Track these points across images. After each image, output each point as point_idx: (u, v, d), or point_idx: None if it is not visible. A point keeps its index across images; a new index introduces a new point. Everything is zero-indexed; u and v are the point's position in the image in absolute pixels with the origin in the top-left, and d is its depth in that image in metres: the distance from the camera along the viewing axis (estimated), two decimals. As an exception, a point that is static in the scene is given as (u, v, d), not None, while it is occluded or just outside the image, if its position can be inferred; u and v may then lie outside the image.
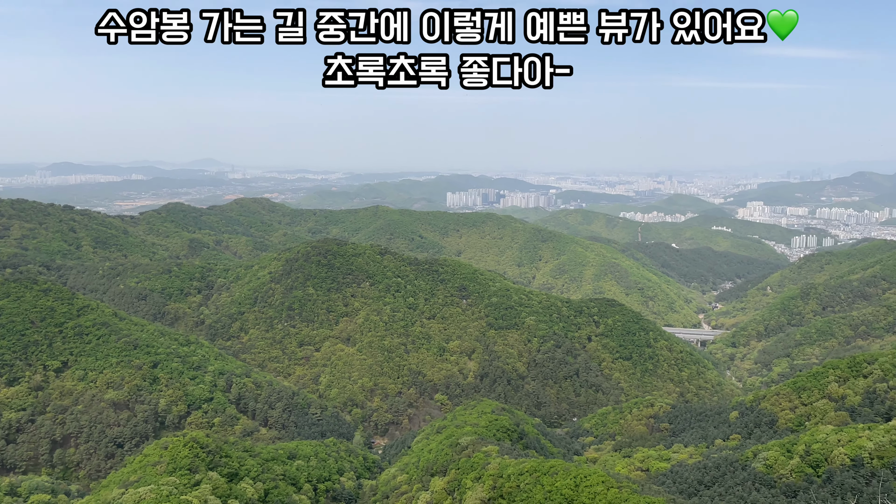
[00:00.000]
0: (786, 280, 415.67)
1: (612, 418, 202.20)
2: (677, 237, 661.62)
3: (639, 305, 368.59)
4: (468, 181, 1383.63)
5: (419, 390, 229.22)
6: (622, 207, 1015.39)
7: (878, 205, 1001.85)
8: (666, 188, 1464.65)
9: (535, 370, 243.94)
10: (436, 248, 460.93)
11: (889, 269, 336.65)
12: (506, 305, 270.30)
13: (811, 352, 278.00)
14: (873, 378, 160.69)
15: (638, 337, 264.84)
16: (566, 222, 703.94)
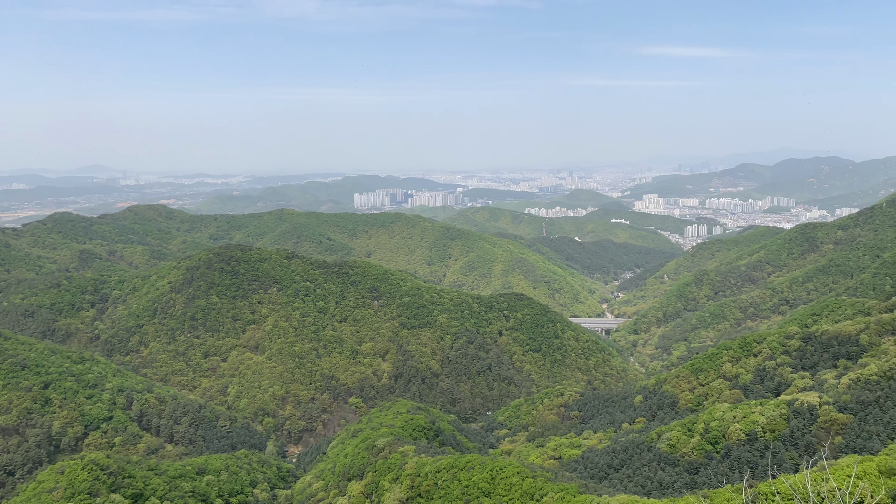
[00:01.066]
0: (681, 268, 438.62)
1: (524, 410, 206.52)
2: (580, 230, 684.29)
3: (546, 298, 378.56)
4: (375, 182, 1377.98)
5: (333, 395, 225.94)
6: (527, 203, 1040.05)
7: (760, 194, 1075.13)
8: (567, 184, 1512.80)
9: (449, 367, 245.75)
10: (345, 250, 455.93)
11: (772, 254, 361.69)
12: (418, 304, 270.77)
13: (706, 335, 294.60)
14: (763, 356, 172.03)
15: (546, 329, 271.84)
16: (474, 220, 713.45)
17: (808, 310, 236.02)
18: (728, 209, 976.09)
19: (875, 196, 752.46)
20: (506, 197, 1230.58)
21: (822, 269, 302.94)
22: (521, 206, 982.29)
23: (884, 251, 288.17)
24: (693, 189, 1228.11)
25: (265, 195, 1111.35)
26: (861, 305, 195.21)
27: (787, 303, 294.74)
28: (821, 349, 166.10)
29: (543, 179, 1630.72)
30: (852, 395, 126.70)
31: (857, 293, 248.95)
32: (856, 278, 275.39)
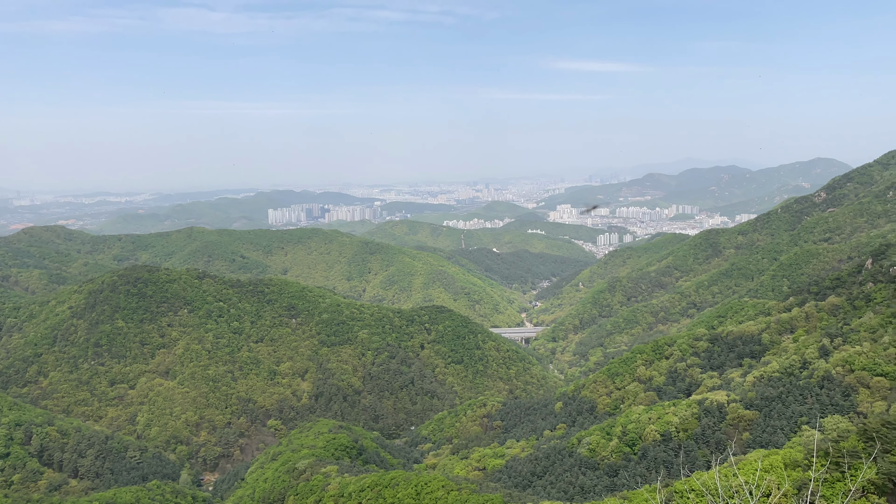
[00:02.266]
0: (595, 275, 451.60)
1: (448, 422, 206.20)
2: (497, 241, 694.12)
3: (466, 310, 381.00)
4: (291, 197, 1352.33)
5: (250, 418, 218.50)
6: (445, 216, 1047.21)
7: (666, 202, 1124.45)
8: (484, 196, 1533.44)
9: (371, 383, 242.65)
10: (260, 268, 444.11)
11: (680, 260, 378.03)
12: (337, 321, 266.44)
13: (621, 339, 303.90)
14: (674, 359, 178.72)
15: (468, 340, 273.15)
16: (393, 234, 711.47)
17: (714, 312, 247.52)
18: (637, 217, 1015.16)
19: (771, 202, 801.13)
20: (424, 210, 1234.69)
21: (726, 273, 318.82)
22: (439, 218, 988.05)
23: (780, 254, 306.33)
24: (604, 199, 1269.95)
25: (173, 213, 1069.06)
26: (762, 306, 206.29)
27: (694, 306, 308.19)
28: (727, 349, 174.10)
29: (461, 192, 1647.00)
30: (757, 392, 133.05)
31: (758, 294, 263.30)
32: (756, 280, 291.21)
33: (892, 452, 66.00)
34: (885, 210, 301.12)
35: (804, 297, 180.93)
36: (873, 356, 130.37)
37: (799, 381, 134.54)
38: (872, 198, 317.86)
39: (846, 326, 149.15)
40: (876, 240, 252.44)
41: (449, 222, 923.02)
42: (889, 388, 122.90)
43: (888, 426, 68.85)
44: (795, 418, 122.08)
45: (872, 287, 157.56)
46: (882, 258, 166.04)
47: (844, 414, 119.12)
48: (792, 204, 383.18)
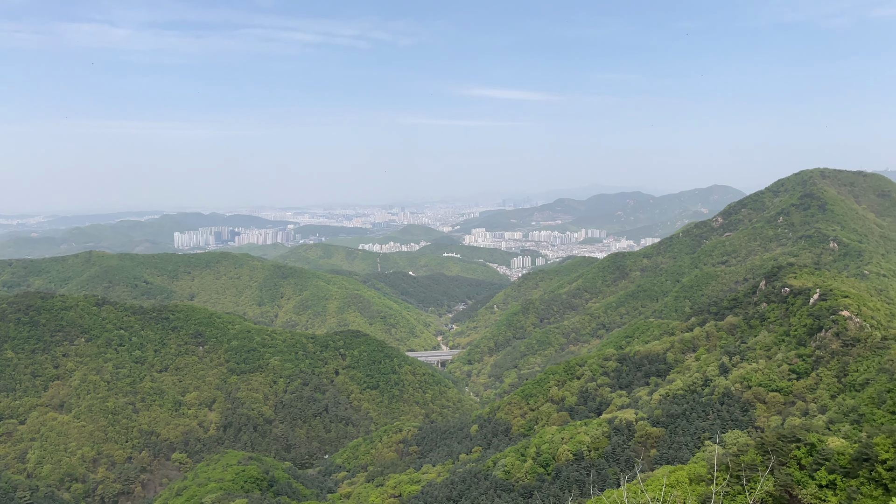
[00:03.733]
0: (509, 298, 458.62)
1: (363, 449, 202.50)
2: (413, 265, 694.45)
3: (382, 334, 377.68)
4: (198, 220, 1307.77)
5: (153, 452, 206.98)
6: (361, 240, 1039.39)
7: (576, 226, 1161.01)
8: (400, 219, 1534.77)
9: (284, 412, 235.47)
10: (165, 294, 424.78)
11: (589, 282, 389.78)
12: (248, 348, 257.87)
13: (534, 361, 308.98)
14: (585, 378, 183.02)
15: (384, 365, 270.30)
16: (307, 257, 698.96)
17: (621, 332, 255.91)
18: (549, 241, 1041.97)
19: (673, 227, 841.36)
20: (339, 233, 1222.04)
21: (632, 295, 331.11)
22: (354, 242, 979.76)
23: (682, 276, 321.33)
24: (517, 223, 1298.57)
25: (70, 236, 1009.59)
26: (666, 326, 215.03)
27: (603, 327, 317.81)
28: (634, 368, 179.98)
29: (376, 215, 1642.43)
30: (663, 410, 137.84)
31: (663, 315, 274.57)
32: (660, 302, 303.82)
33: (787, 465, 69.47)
34: (776, 234, 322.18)
35: (705, 317, 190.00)
36: (768, 373, 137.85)
37: (701, 397, 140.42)
38: (764, 223, 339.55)
39: (743, 345, 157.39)
40: (769, 262, 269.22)
41: (365, 246, 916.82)
42: (783, 403, 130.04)
43: (783, 440, 72.51)
44: (699, 434, 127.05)
45: (766, 307, 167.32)
46: (774, 280, 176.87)
47: (744, 429, 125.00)
48: (692, 228, 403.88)
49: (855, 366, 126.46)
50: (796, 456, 70.13)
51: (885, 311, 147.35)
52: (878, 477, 63.21)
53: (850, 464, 65.79)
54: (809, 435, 73.05)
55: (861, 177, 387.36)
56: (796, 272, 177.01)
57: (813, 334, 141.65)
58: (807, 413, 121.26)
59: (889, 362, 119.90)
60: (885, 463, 63.59)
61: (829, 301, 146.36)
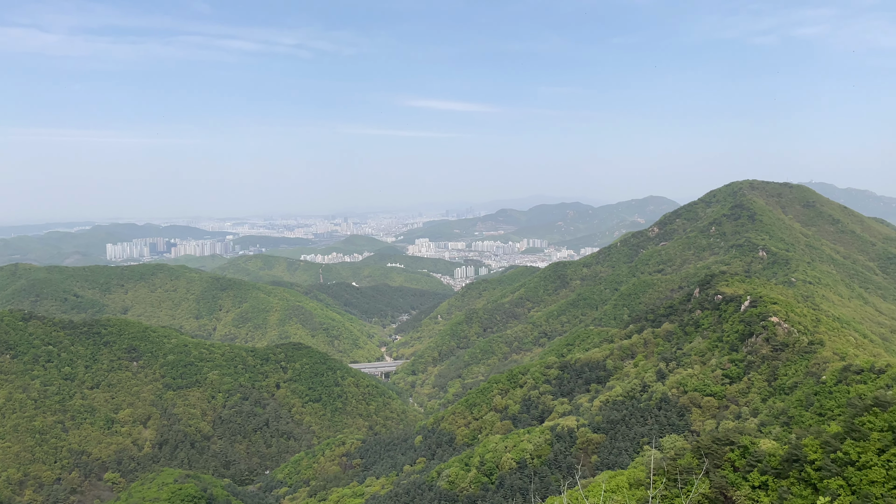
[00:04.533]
0: (453, 308, 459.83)
1: (305, 464, 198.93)
2: (357, 276, 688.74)
3: (325, 346, 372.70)
4: (132, 231, 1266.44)
5: (84, 472, 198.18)
6: (303, 250, 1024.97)
7: (518, 236, 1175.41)
8: (343, 230, 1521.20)
9: (222, 427, 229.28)
10: (96, 308, 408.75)
11: (531, 291, 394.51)
12: (184, 362, 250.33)
13: (478, 370, 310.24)
14: (527, 387, 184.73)
15: (326, 377, 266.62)
16: (246, 269, 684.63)
17: (563, 340, 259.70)
18: (492, 251, 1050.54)
19: (611, 236, 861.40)
20: (280, 244, 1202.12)
21: (573, 303, 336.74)
22: (296, 252, 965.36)
23: (621, 284, 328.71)
24: (460, 233, 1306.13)
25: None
26: (605, 334, 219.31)
27: (545, 335, 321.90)
28: (575, 376, 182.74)
29: (319, 226, 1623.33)
30: (603, 416, 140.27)
31: (602, 323, 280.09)
32: (600, 310, 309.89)
33: (722, 467, 71.54)
34: (709, 244, 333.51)
35: (642, 324, 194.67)
36: (703, 378, 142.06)
37: (640, 403, 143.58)
38: (698, 232, 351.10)
39: (679, 351, 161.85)
40: (702, 270, 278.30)
41: (307, 256, 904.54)
42: (717, 407, 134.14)
43: (718, 443, 74.69)
44: (638, 439, 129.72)
45: (700, 314, 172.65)
46: (707, 287, 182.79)
47: (680, 433, 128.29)
48: (629, 238, 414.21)
49: (784, 370, 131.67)
50: (730, 458, 72.31)
51: (811, 317, 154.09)
52: (807, 477, 65.75)
53: (780, 465, 68.22)
54: (742, 438, 75.45)
55: (787, 188, 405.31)
56: (728, 280, 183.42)
57: (744, 340, 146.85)
58: (740, 416, 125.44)
59: (815, 366, 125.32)
60: (813, 463, 66.22)
61: (759, 308, 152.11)
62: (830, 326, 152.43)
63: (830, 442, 67.45)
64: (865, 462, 63.52)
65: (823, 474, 64.60)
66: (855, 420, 69.81)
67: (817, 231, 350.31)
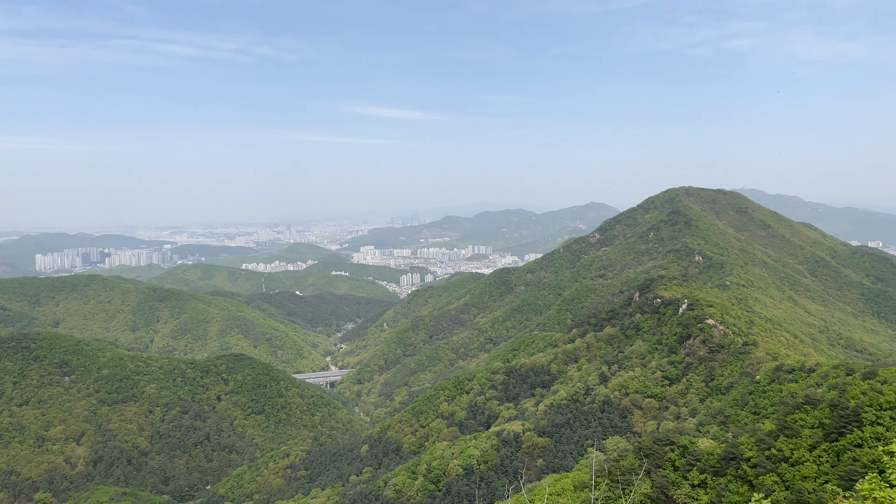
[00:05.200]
0: (399, 315, 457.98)
1: (248, 477, 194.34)
2: (300, 284, 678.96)
3: (268, 356, 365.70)
4: (63, 240, 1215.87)
5: (13, 493, 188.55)
6: (244, 259, 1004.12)
7: (463, 243, 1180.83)
8: (286, 238, 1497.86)
9: (161, 442, 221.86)
10: (25, 321, 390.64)
11: (476, 298, 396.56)
12: (120, 376, 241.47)
13: (424, 377, 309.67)
14: (474, 393, 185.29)
15: (269, 388, 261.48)
16: (185, 279, 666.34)
17: (508, 346, 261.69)
18: (437, 258, 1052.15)
19: (554, 242, 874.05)
20: (220, 253, 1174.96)
21: (518, 309, 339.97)
22: (237, 262, 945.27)
23: (564, 290, 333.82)
24: (406, 240, 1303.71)
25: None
26: (550, 339, 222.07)
27: (491, 341, 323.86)
28: (521, 380, 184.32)
29: (261, 234, 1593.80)
30: (548, 420, 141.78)
31: (546, 328, 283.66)
32: (544, 315, 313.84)
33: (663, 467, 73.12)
34: (648, 249, 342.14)
35: (585, 328, 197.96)
36: (644, 380, 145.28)
37: (584, 406, 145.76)
38: (637, 238, 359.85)
39: (621, 354, 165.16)
40: (641, 275, 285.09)
41: (248, 265, 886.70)
42: (658, 408, 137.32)
43: (658, 443, 76.35)
44: (582, 442, 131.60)
45: (641, 317, 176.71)
46: (647, 291, 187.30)
47: (623, 434, 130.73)
48: (572, 244, 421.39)
49: (720, 370, 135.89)
50: (671, 458, 74.03)
51: (745, 319, 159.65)
52: (743, 474, 67.83)
53: (718, 463, 70.20)
54: (682, 438, 77.36)
55: (721, 194, 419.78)
56: (666, 284, 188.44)
57: (683, 342, 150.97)
58: (679, 417, 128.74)
59: (750, 366, 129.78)
60: (749, 461, 68.36)
61: (696, 311, 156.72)
62: (763, 328, 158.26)
63: (765, 440, 69.82)
64: (798, 458, 65.98)
65: (759, 471, 66.79)
66: (787, 418, 72.45)
67: (749, 236, 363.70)
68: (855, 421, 66.37)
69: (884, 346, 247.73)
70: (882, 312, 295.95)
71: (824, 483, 61.39)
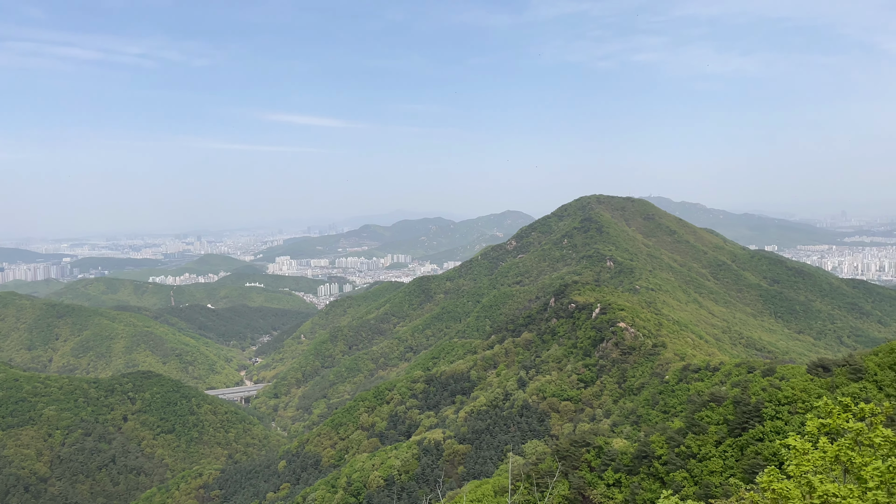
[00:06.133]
0: (317, 326, 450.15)
1: (158, 500, 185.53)
2: (212, 297, 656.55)
3: (178, 373, 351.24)
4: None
5: None
6: (151, 272, 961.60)
7: (382, 252, 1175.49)
8: (196, 249, 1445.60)
9: (62, 467, 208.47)
10: None
11: (396, 306, 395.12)
12: (15, 399, 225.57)
13: (344, 389, 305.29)
14: (394, 402, 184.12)
15: (180, 406, 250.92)
16: (87, 293, 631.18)
17: (428, 354, 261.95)
18: (356, 267, 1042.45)
19: (472, 250, 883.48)
20: (125, 266, 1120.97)
21: (437, 317, 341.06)
22: (144, 275, 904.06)
23: (482, 297, 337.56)
24: (323, 250, 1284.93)
25: None
26: (469, 346, 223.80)
27: (411, 350, 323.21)
28: (441, 388, 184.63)
29: (169, 245, 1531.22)
30: (469, 427, 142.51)
31: (466, 335, 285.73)
32: (464, 322, 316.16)
33: (579, 469, 74.66)
34: (562, 255, 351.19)
35: (503, 334, 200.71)
36: (560, 383, 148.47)
37: (503, 411, 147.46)
38: (552, 245, 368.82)
39: (538, 358, 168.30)
40: (556, 281, 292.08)
41: (156, 278, 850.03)
42: (574, 411, 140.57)
43: (575, 445, 77.97)
44: (502, 447, 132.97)
45: (556, 322, 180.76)
46: (562, 297, 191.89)
47: (541, 437, 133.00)
48: (489, 252, 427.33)
49: (632, 371, 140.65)
50: (587, 459, 75.72)
51: (654, 322, 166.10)
52: (655, 472, 70.17)
53: (631, 462, 72.34)
54: (597, 439, 79.33)
55: (630, 202, 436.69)
56: (580, 289, 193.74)
57: (596, 345, 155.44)
58: (594, 418, 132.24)
59: (659, 367, 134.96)
60: (660, 458, 70.79)
61: (608, 314, 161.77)
62: (671, 329, 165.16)
63: (674, 437, 72.55)
64: (705, 454, 68.87)
65: (669, 468, 69.28)
66: (695, 415, 75.59)
67: (657, 241, 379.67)
68: (756, 416, 69.99)
69: (781, 343, 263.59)
70: (778, 312, 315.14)
71: (730, 477, 64.33)
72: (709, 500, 50.32)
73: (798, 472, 19.87)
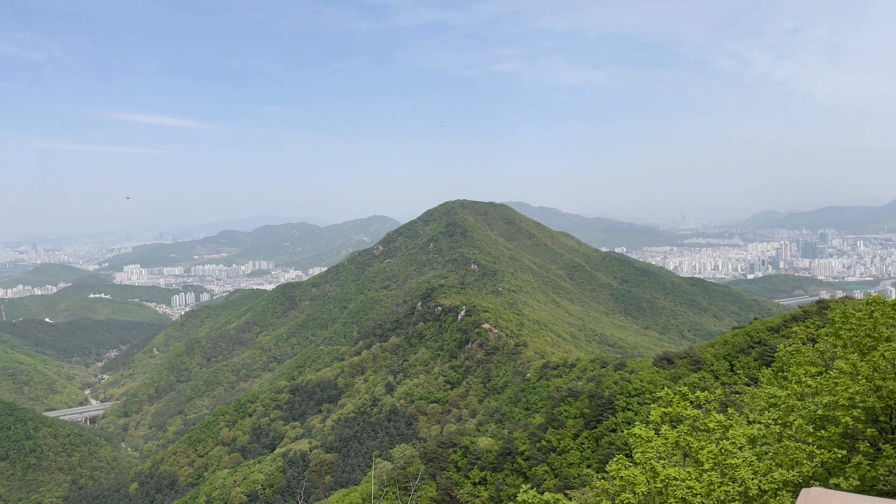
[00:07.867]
0: (171, 338, 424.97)
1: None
2: (51, 310, 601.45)
3: (11, 394, 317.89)
4: None
5: None
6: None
7: (243, 259, 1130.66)
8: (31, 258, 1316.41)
9: None
10: None
11: (258, 315, 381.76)
12: None
13: (202, 403, 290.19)
14: (257, 415, 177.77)
15: (14, 431, 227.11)
16: None
17: (293, 363, 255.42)
18: (214, 275, 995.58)
19: (338, 255, 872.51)
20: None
21: (303, 324, 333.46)
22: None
23: (349, 302, 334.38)
24: (177, 257, 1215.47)
25: None
26: (336, 352, 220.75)
27: (275, 359, 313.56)
28: (307, 398, 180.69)
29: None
30: (336, 435, 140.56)
31: (332, 342, 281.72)
32: (330, 329, 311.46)
33: (447, 469, 75.76)
34: (429, 259, 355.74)
35: (371, 339, 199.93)
36: (428, 386, 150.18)
37: (371, 417, 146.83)
38: (418, 249, 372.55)
39: (406, 362, 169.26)
40: (423, 285, 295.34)
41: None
42: (441, 412, 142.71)
43: (442, 446, 79.05)
44: (370, 453, 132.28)
45: (423, 326, 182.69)
46: (429, 300, 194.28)
47: (409, 441, 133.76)
48: (356, 257, 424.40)
49: (496, 371, 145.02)
50: (454, 459, 77.01)
51: (516, 322, 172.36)
52: (518, 467, 72.65)
53: (496, 459, 74.46)
54: (463, 439, 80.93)
55: (492, 207, 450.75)
56: (446, 292, 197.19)
57: (462, 347, 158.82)
58: (461, 419, 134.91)
59: (521, 365, 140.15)
60: (522, 454, 73.39)
61: (473, 316, 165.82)
62: (532, 329, 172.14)
63: (536, 433, 75.55)
64: (564, 447, 72.27)
65: (531, 463, 72.02)
66: (554, 410, 79.15)
67: (517, 245, 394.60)
68: (609, 408, 74.47)
69: (630, 339, 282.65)
70: (627, 310, 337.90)
71: (587, 468, 67.94)
72: (565, 492, 52.75)
73: (643, 459, 21.26)
